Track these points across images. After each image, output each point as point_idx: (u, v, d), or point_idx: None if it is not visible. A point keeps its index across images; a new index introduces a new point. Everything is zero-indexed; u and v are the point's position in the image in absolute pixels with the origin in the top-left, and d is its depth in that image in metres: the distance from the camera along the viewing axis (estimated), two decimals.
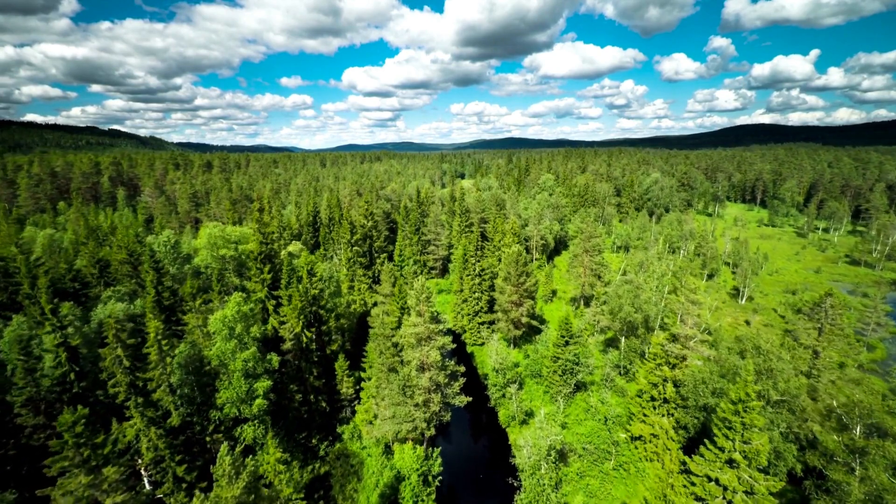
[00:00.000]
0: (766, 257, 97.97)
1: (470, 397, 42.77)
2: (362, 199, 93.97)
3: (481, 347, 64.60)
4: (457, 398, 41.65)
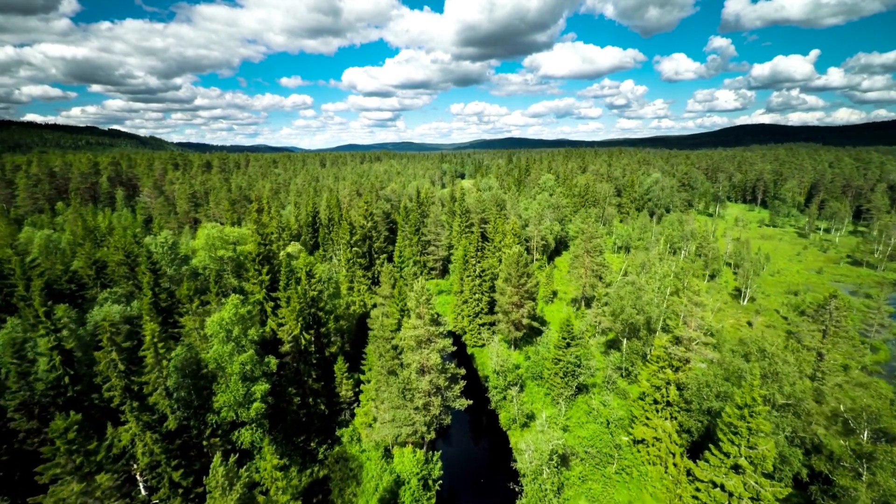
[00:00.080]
0: (768, 258, 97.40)
1: (470, 400, 42.27)
2: (362, 200, 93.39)
3: (482, 349, 64.09)
4: (457, 401, 41.11)
